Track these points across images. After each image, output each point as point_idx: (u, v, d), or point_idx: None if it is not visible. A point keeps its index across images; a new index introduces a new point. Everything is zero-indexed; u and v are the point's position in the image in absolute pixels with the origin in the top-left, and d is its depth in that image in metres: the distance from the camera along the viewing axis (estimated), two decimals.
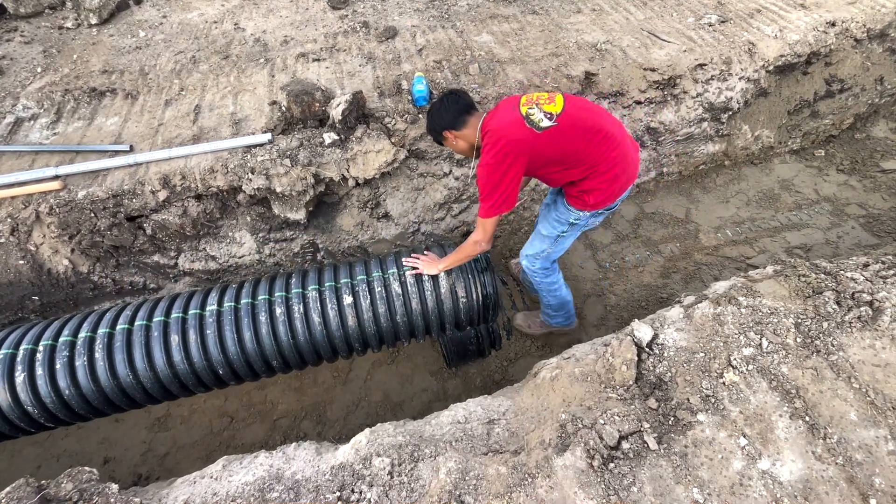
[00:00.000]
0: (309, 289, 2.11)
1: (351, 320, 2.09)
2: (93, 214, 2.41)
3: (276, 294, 2.09)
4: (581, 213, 1.99)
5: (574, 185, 1.92)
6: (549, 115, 1.75)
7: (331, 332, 2.08)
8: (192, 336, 1.97)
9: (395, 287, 2.12)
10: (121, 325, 1.97)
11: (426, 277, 2.14)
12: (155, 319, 1.99)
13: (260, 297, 2.08)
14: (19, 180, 2.41)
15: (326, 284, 2.13)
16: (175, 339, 1.96)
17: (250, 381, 2.19)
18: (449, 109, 1.87)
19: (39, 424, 1.95)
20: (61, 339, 1.92)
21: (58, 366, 1.87)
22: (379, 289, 2.12)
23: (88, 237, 2.45)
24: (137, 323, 1.98)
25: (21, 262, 2.47)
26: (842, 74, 3.50)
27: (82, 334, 1.94)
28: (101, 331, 1.95)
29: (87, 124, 2.80)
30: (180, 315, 2.01)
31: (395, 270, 2.16)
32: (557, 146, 1.77)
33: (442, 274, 2.14)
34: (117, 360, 1.91)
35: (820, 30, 3.30)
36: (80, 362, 1.88)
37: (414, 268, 2.14)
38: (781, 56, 3.20)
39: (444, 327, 2.25)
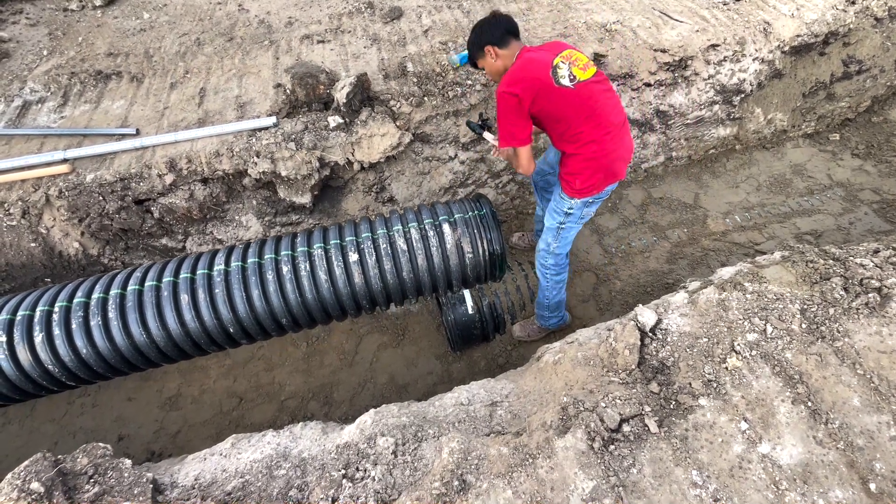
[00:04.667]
0: (315, 247, 2.13)
1: (357, 277, 2.10)
2: (101, 198, 2.43)
3: (283, 253, 2.12)
4: (573, 202, 2.07)
5: (566, 164, 2.02)
6: (572, 77, 1.83)
7: (338, 289, 2.10)
8: (202, 295, 2.01)
9: (401, 244, 2.13)
10: (132, 286, 2.03)
11: (431, 234, 2.17)
12: (164, 280, 2.04)
13: (267, 257, 2.10)
14: (29, 164, 2.44)
15: (332, 243, 2.15)
16: (185, 298, 2.00)
17: (261, 339, 2.24)
18: (498, 26, 1.92)
19: (60, 383, 2.03)
20: (76, 300, 1.99)
21: (73, 326, 1.94)
22: (384, 246, 2.13)
23: (98, 220, 2.48)
24: (148, 283, 2.04)
25: (33, 244, 2.51)
26: (860, 55, 3.39)
27: (95, 295, 2.00)
28: (114, 291, 2.01)
29: (93, 108, 2.81)
30: (189, 275, 2.06)
31: (400, 227, 2.18)
32: (562, 108, 1.84)
33: (447, 229, 2.17)
34: (130, 320, 1.97)
35: (839, 8, 3.18)
36: (95, 322, 1.95)
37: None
38: (798, 36, 3.10)
39: (451, 284, 2.26)
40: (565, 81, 1.81)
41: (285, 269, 2.07)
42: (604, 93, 1.91)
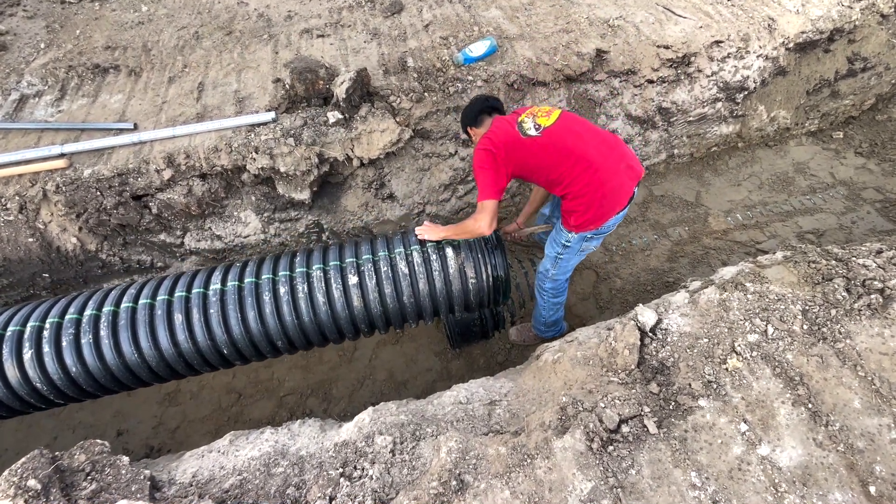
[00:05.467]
0: (313, 268, 2.05)
1: (356, 301, 2.03)
2: (99, 193, 2.42)
3: (281, 273, 2.04)
4: (570, 235, 2.05)
5: (563, 204, 2.04)
6: (537, 127, 1.92)
7: (336, 313, 2.02)
8: (196, 315, 1.94)
9: (402, 267, 2.05)
10: (126, 304, 1.96)
11: (434, 257, 2.08)
12: (159, 298, 1.97)
13: (264, 277, 2.03)
14: (26, 158, 2.42)
15: (331, 264, 2.06)
16: (178, 318, 1.93)
17: (255, 360, 2.18)
18: (473, 109, 2.10)
19: (49, 401, 1.97)
20: (67, 316, 1.92)
21: (64, 343, 1.87)
22: (385, 269, 2.05)
23: (95, 216, 2.46)
24: (141, 301, 1.96)
25: (30, 239, 2.50)
26: (866, 52, 3.36)
27: (88, 312, 1.93)
28: (107, 309, 1.94)
29: (91, 101, 2.79)
30: (184, 294, 1.98)
31: (402, 250, 2.10)
32: (535, 156, 1.91)
33: (451, 253, 2.10)
34: (122, 339, 1.90)
35: (845, 4, 3.15)
36: (86, 340, 1.88)
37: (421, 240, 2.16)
38: (803, 32, 3.07)
39: (454, 309, 2.19)
40: (531, 132, 1.91)
41: (282, 290, 1.99)
42: (573, 129, 1.92)
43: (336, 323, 2.07)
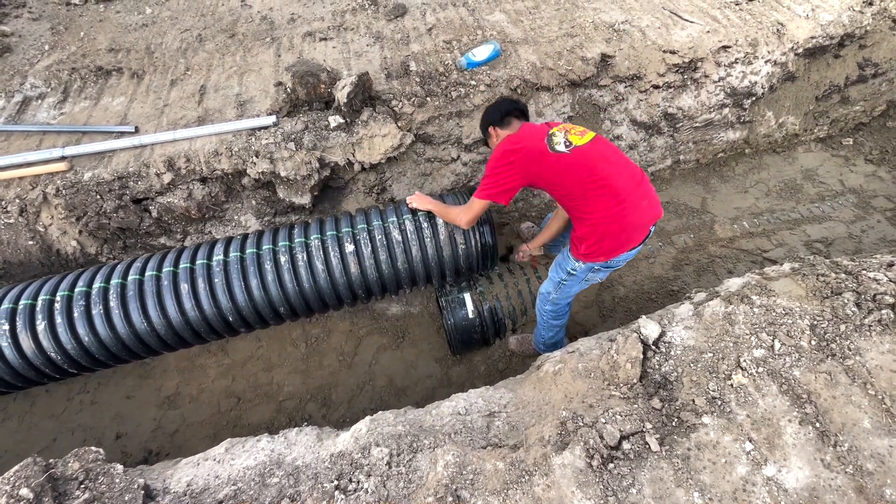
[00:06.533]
0: (312, 237, 2.21)
1: (353, 267, 2.20)
2: (99, 196, 2.41)
3: (280, 244, 2.20)
4: (577, 264, 1.97)
5: (574, 228, 1.96)
6: (567, 143, 1.81)
7: (334, 279, 2.19)
8: (202, 285, 2.10)
9: (396, 235, 2.23)
10: (132, 276, 2.11)
11: (426, 225, 2.26)
12: (164, 270, 2.12)
13: (265, 247, 2.19)
14: (27, 160, 2.42)
15: (328, 233, 2.23)
16: (185, 287, 2.08)
17: (259, 328, 2.32)
18: (500, 109, 2.05)
19: (62, 370, 2.13)
20: (77, 289, 2.07)
21: (76, 314, 2.02)
22: (380, 237, 2.22)
23: (95, 219, 2.46)
24: (148, 273, 2.11)
25: (30, 242, 2.50)
26: (877, 58, 3.30)
27: (97, 285, 2.08)
28: (115, 281, 2.09)
29: (93, 104, 2.79)
30: (188, 265, 2.13)
31: (395, 219, 2.26)
32: (559, 173, 1.81)
33: (441, 222, 2.27)
34: (131, 309, 2.05)
35: (856, 9, 3.10)
36: (97, 311, 2.04)
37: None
38: (812, 38, 3.02)
39: (445, 274, 2.36)
40: (560, 147, 1.80)
41: (283, 258, 2.15)
42: (605, 155, 1.82)
43: (335, 289, 2.23)
